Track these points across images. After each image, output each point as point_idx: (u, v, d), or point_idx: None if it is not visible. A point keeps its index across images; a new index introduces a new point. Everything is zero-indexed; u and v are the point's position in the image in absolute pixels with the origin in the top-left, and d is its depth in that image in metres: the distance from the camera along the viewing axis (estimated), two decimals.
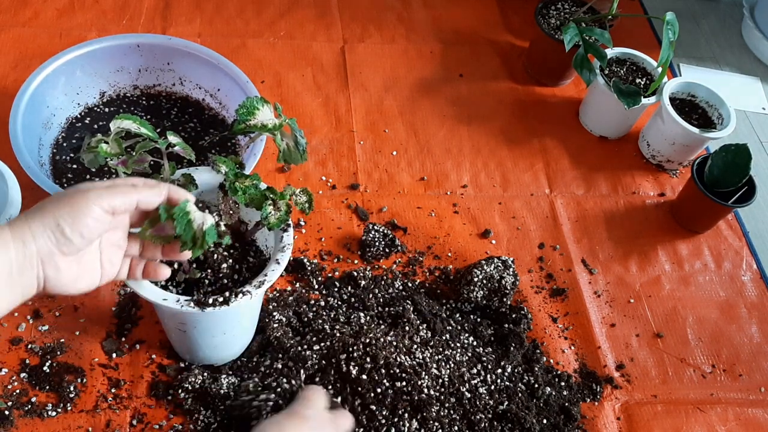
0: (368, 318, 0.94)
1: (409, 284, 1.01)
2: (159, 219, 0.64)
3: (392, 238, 1.04)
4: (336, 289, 0.99)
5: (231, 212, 0.76)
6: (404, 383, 0.84)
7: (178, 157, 0.77)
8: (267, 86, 1.22)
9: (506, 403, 0.89)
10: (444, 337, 0.93)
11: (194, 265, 0.75)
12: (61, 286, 0.62)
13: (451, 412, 0.86)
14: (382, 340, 0.87)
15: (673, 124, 1.15)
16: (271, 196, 0.73)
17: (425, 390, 0.84)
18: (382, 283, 1.00)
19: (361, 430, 0.81)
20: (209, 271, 0.76)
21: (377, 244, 1.03)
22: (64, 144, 1.02)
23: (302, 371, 0.86)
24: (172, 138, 0.73)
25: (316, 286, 0.99)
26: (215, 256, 0.76)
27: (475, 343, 0.95)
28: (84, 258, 0.62)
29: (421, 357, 0.87)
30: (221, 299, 0.71)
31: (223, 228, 0.73)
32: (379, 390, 0.83)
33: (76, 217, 0.59)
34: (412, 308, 0.95)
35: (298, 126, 0.76)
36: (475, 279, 0.98)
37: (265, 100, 0.73)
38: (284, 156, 0.75)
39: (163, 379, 0.87)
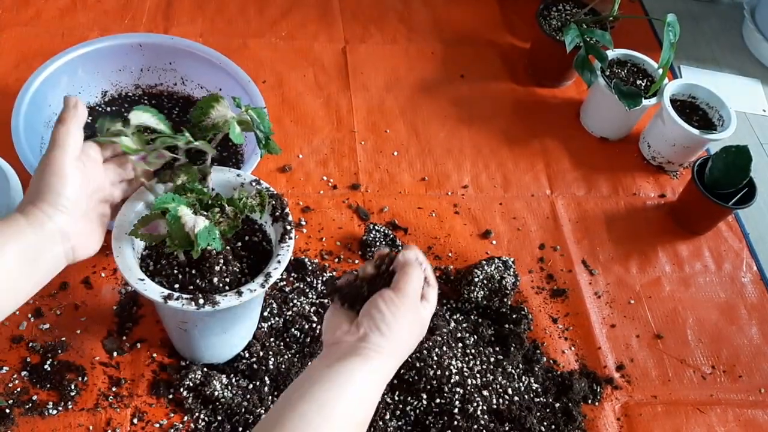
0: None
1: None
2: (151, 218, 0.69)
3: (393, 239, 1.04)
4: None
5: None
6: None
7: (197, 153, 0.77)
8: (268, 86, 1.22)
9: (506, 403, 0.89)
10: (444, 338, 0.93)
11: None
12: (89, 246, 0.69)
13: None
14: None
15: (674, 126, 1.15)
16: (219, 203, 0.74)
17: None
18: None
19: None
20: (209, 270, 0.76)
21: (378, 244, 1.03)
22: None
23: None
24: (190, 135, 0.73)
25: (317, 286, 0.99)
26: (216, 255, 0.76)
27: (475, 343, 0.95)
28: (90, 215, 0.70)
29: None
30: (222, 299, 0.71)
31: (217, 233, 0.72)
32: None
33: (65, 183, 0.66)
34: None
35: (269, 119, 0.75)
36: (476, 279, 0.98)
37: (220, 97, 0.73)
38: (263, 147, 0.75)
39: (164, 378, 0.87)
